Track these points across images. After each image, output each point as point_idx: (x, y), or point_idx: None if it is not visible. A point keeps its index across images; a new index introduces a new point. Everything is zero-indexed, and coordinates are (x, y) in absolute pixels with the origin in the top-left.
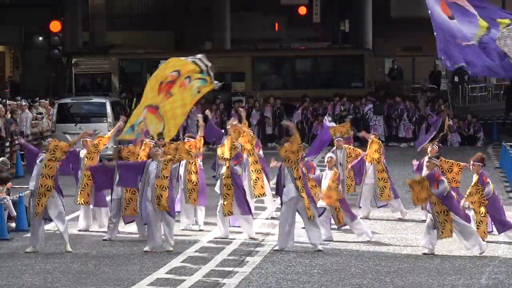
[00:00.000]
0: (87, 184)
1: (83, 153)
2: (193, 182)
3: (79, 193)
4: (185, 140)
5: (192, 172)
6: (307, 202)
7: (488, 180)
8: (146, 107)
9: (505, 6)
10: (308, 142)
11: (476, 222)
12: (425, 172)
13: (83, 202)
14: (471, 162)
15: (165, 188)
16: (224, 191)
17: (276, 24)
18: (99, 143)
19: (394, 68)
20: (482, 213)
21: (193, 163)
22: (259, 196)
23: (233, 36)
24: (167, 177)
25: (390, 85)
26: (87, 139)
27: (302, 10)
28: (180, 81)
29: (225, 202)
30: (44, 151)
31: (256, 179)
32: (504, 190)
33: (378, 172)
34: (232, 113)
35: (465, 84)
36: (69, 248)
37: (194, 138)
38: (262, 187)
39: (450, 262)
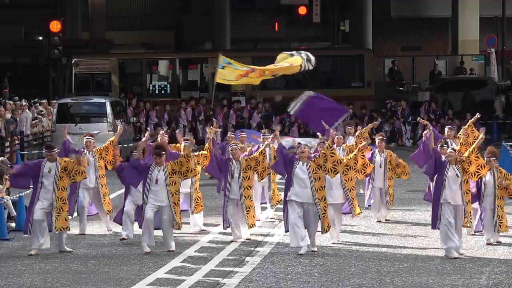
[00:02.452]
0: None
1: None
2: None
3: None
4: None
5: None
6: None
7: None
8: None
9: (505, 6)
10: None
11: (499, 217)
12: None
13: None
14: (486, 160)
15: None
16: None
17: (276, 24)
18: (107, 152)
19: (394, 69)
20: (502, 208)
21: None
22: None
23: (233, 36)
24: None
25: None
26: (91, 139)
27: (302, 10)
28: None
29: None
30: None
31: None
32: None
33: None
34: (231, 113)
35: None
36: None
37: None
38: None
39: (450, 262)
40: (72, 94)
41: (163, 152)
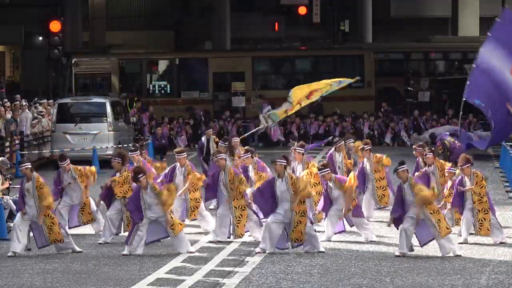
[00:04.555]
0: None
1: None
2: (196, 199)
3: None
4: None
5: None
6: None
7: None
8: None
9: (505, 6)
10: (310, 141)
11: (479, 221)
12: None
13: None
14: (460, 168)
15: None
16: None
17: (276, 24)
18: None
19: None
20: (485, 211)
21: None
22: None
23: (233, 36)
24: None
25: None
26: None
27: (302, 10)
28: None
29: None
30: None
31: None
32: (504, 190)
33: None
34: (232, 128)
35: None
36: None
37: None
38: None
39: (450, 262)
40: (72, 94)
41: (140, 176)
